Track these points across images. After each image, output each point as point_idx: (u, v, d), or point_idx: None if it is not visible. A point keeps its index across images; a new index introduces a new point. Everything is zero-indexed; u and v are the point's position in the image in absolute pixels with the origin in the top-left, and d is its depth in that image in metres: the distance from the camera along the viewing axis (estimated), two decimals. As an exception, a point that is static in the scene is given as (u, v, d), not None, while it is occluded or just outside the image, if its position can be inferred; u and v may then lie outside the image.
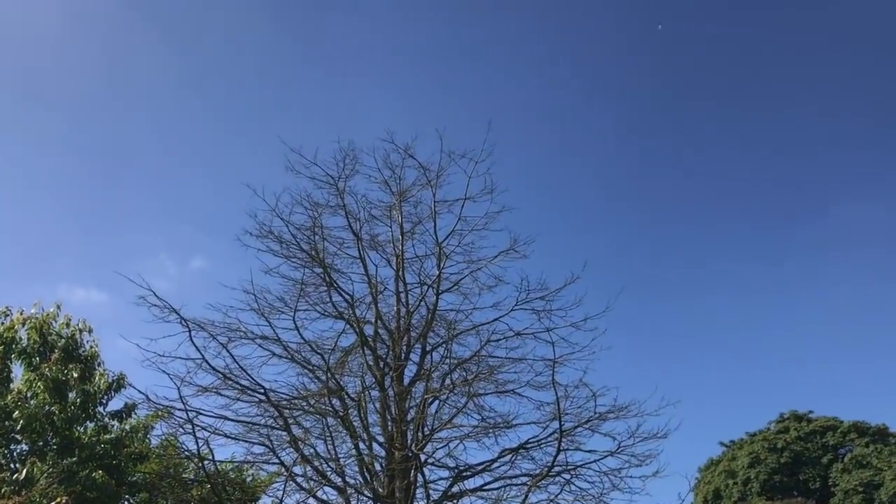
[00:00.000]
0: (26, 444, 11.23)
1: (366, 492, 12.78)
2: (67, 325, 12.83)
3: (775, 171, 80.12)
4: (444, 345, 14.83)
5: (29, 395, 11.55)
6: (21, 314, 12.32)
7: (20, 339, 12.13)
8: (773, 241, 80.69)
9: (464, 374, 14.42)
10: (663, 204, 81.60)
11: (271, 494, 15.51)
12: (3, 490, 5.40)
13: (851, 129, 76.28)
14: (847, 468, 42.91)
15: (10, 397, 11.24)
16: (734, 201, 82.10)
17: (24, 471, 5.17)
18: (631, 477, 12.83)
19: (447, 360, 14.61)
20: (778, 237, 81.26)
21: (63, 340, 12.43)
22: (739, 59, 73.87)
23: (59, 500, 3.96)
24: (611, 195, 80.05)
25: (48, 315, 12.55)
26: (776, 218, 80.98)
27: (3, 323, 11.94)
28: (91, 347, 12.99)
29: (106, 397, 12.66)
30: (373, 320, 14.65)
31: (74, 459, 10.58)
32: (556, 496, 12.66)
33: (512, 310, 14.49)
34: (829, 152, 76.25)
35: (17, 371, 12.19)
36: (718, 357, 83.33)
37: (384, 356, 14.37)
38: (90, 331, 13.07)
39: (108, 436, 11.90)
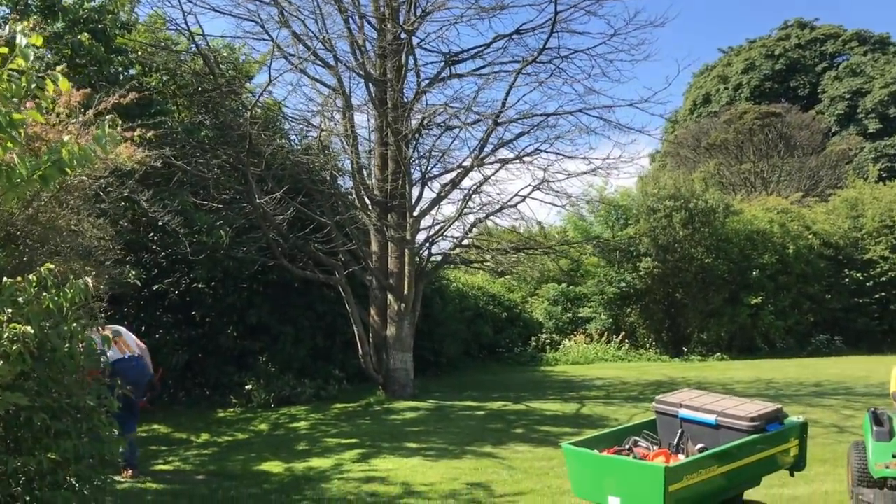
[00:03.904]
0: (7, 6, 10.90)
1: (357, 70, 12.85)
2: None
3: None
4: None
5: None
6: None
7: None
8: None
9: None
10: None
11: (264, 73, 15.69)
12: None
13: None
14: (839, 76, 43.36)
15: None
16: None
17: (8, 26, 5.05)
18: (622, 61, 12.84)
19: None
20: None
21: None
22: None
23: (60, 68, 3.90)
24: None
25: None
26: None
27: None
28: None
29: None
30: None
31: (60, 24, 10.37)
32: (546, 80, 12.78)
33: None
34: None
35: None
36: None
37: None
38: None
39: (91, 3, 11.51)
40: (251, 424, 11.21)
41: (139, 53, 13.16)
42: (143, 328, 13.89)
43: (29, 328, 4.42)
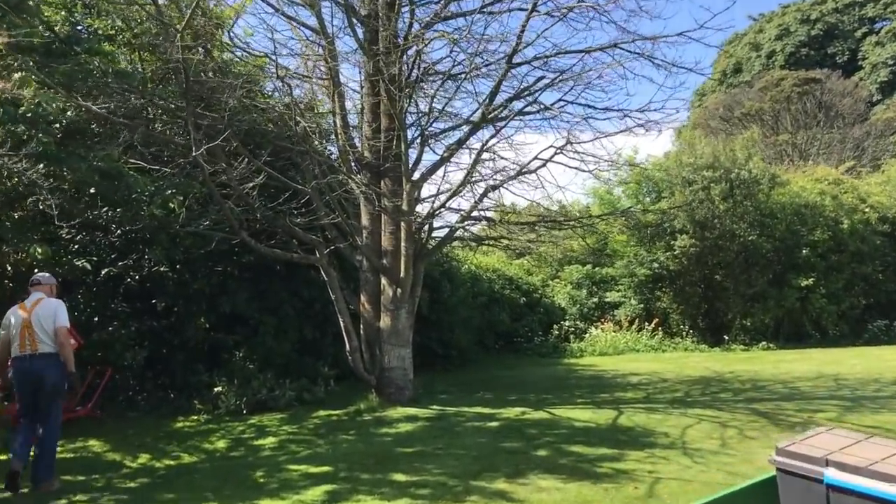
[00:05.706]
0: None
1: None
2: None
3: None
4: None
5: None
6: None
7: None
8: None
9: None
10: None
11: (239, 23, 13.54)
12: None
13: None
14: (881, 41, 40.42)
15: None
16: None
17: None
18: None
19: None
20: None
21: None
22: None
23: None
24: None
25: None
26: None
27: None
28: None
29: None
30: None
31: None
32: (573, 7, 10.33)
33: None
34: None
35: None
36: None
37: None
38: None
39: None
40: (208, 440, 9.02)
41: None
42: (96, 319, 11.78)
43: None
